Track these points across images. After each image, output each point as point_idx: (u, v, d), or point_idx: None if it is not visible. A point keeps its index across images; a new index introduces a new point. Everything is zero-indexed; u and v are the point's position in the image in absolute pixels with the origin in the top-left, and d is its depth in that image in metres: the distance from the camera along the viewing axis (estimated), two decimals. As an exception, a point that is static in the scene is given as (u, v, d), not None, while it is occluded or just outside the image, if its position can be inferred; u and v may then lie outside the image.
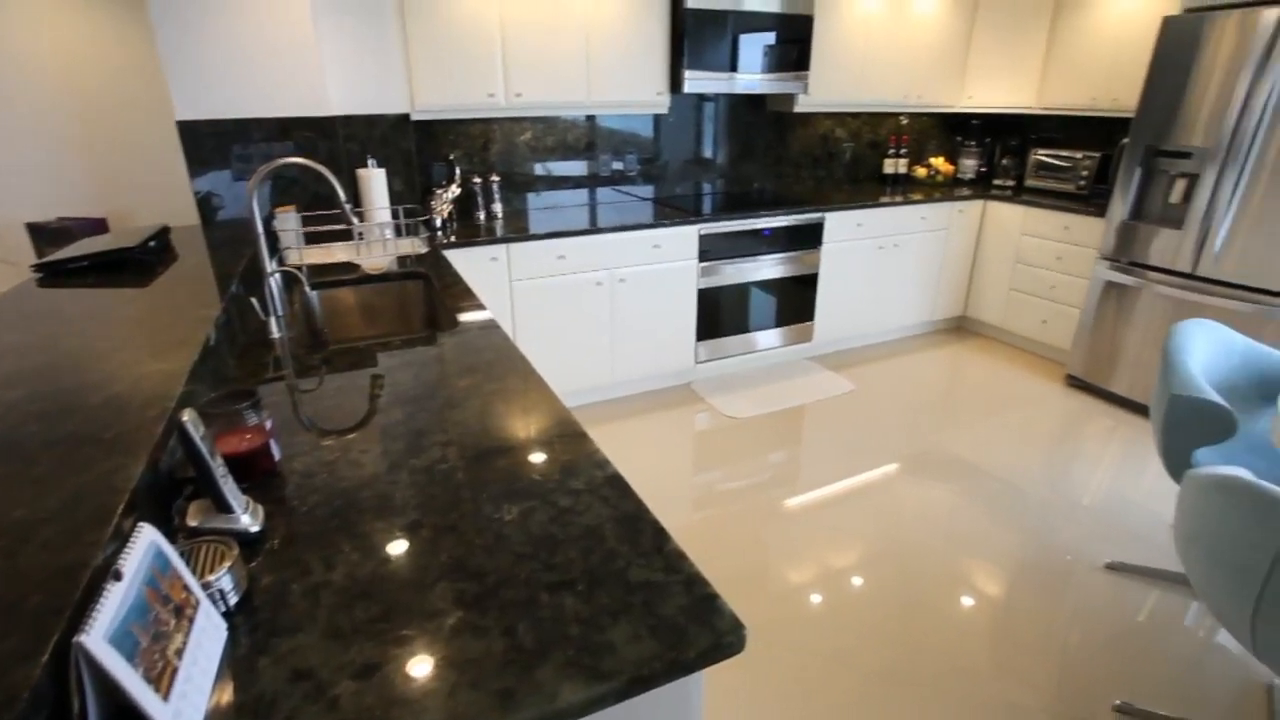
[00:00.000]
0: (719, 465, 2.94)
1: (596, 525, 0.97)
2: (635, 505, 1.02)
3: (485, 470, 1.11)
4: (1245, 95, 2.86)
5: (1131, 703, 1.82)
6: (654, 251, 3.26)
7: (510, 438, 1.22)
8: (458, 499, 1.03)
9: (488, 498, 1.04)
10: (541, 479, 1.09)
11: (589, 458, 1.16)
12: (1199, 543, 1.39)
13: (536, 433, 1.24)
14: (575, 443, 1.21)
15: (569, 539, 0.94)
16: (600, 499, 1.03)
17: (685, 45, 3.24)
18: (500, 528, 0.96)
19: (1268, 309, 2.92)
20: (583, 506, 1.02)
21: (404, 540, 0.94)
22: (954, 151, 4.74)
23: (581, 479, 1.09)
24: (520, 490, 1.06)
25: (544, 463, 1.14)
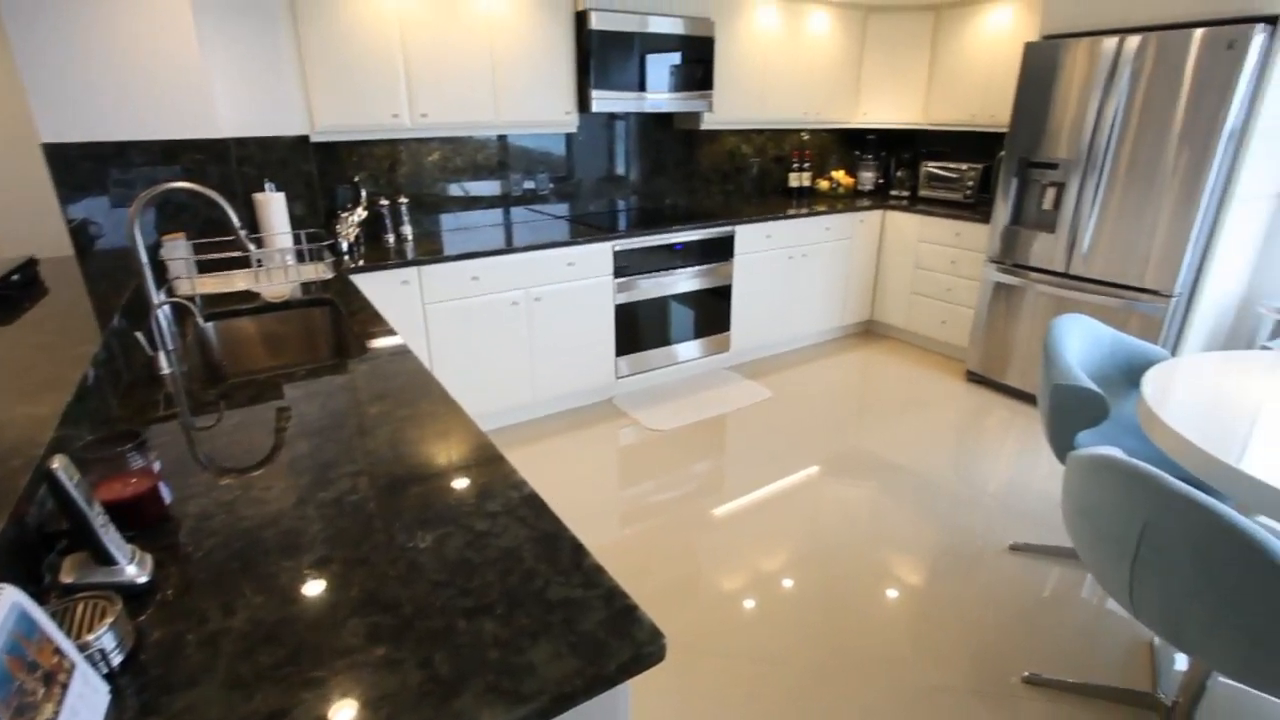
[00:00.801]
0: (646, 478, 2.95)
1: (514, 546, 0.96)
2: (553, 524, 1.01)
3: (398, 499, 1.08)
4: (1096, 112, 3.16)
5: (1039, 673, 1.94)
6: (569, 269, 3.26)
7: (423, 464, 1.19)
8: (369, 530, 1.00)
9: (401, 527, 1.01)
10: (457, 504, 1.07)
11: (505, 479, 1.14)
12: (1082, 518, 1.50)
13: (451, 457, 1.22)
14: (491, 465, 1.19)
15: (486, 562, 0.92)
16: (517, 520, 1.02)
17: (592, 65, 3.28)
18: (415, 556, 0.94)
19: (1130, 302, 3.21)
20: (500, 529, 1.00)
21: (312, 578, 0.90)
22: (853, 165, 4.99)
23: (498, 501, 1.07)
24: (435, 517, 1.03)
25: (459, 487, 1.12)
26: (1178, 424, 1.63)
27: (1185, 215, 2.96)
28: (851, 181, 4.82)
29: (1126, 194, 3.14)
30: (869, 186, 4.84)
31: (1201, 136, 2.86)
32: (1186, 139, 2.91)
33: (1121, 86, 3.06)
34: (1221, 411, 1.73)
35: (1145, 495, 1.31)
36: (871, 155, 4.81)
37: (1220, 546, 1.23)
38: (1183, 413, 1.70)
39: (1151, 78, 2.96)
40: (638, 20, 3.36)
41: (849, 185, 4.80)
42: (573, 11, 3.26)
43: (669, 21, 3.46)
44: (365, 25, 2.77)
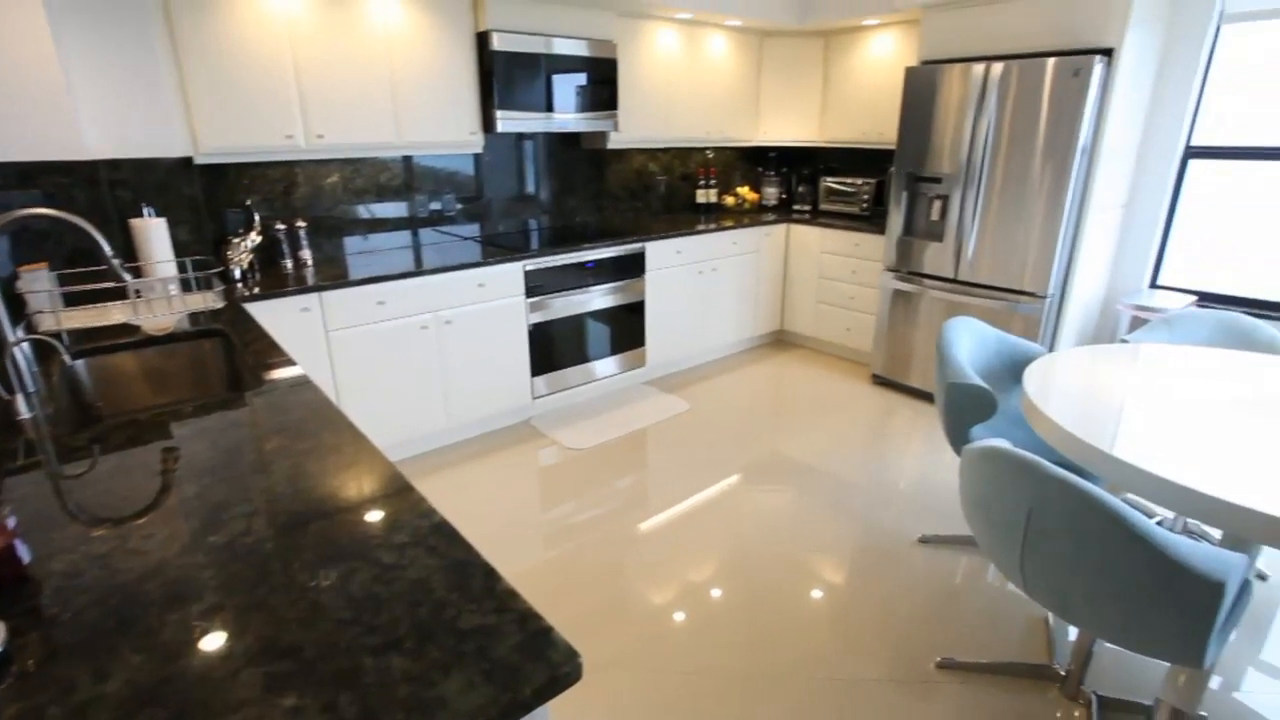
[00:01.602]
0: (568, 498, 2.92)
1: (423, 577, 0.92)
2: (464, 551, 0.98)
3: (298, 537, 1.02)
4: (971, 131, 3.42)
5: (952, 657, 2.04)
6: (479, 291, 3.21)
7: (326, 499, 1.13)
8: (266, 572, 0.94)
9: (301, 566, 0.95)
10: (362, 538, 1.02)
11: (414, 509, 1.10)
12: (977, 507, 1.60)
13: (355, 490, 1.16)
14: (399, 495, 1.15)
15: (394, 596, 0.89)
16: (426, 550, 0.99)
17: (496, 86, 3.26)
18: (316, 596, 0.89)
19: (1011, 304, 3.46)
20: (408, 560, 0.96)
21: (201, 629, 0.83)
22: (757, 181, 5.17)
23: (406, 532, 1.03)
24: (338, 553, 0.98)
25: (365, 520, 1.07)
26: (1056, 414, 1.77)
27: (1052, 224, 3.24)
28: (756, 197, 4.99)
29: (1002, 205, 3.40)
30: (773, 201, 5.03)
31: (1060, 153, 3.14)
32: (1048, 155, 3.18)
33: (991, 108, 3.32)
34: (1093, 401, 1.88)
35: (1029, 482, 1.41)
36: (774, 172, 5.00)
37: (1093, 524, 1.33)
38: (1060, 404, 1.85)
39: (1016, 100, 3.23)
40: (542, 42, 3.38)
41: (754, 201, 4.97)
42: (474, 32, 3.24)
43: (573, 43, 3.49)
44: (251, 40, 2.65)
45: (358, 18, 2.88)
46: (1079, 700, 1.90)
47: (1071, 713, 1.87)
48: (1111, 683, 1.96)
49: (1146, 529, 1.30)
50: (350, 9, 2.86)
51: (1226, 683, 1.97)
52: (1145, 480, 1.48)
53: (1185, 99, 3.41)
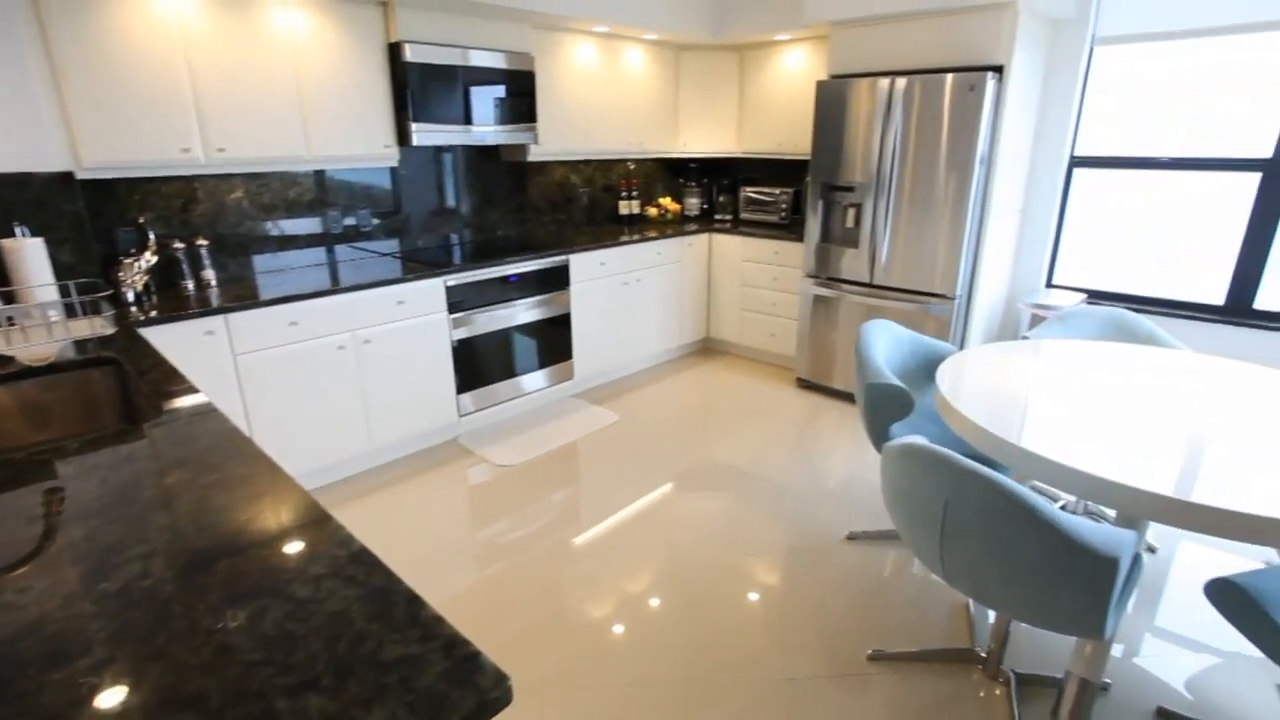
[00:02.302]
0: (500, 516, 2.86)
1: (342, 609, 0.88)
2: (385, 579, 0.94)
3: (202, 576, 0.95)
4: (880, 142, 3.58)
5: (882, 648, 2.11)
6: (399, 308, 3.11)
7: (233, 534, 1.06)
8: (166, 617, 0.87)
9: (206, 608, 0.89)
10: (274, 573, 0.96)
11: (331, 538, 1.05)
12: (898, 502, 1.66)
13: (267, 522, 1.10)
14: (315, 525, 1.09)
15: (310, 632, 0.84)
16: (345, 580, 0.94)
17: (410, 98, 3.18)
18: (223, 638, 0.83)
19: (924, 306, 3.64)
20: (325, 593, 0.91)
21: (89, 688, 0.76)
22: (679, 191, 5.25)
23: (323, 563, 0.98)
24: (248, 591, 0.92)
25: (277, 554, 1.01)
26: (967, 410, 1.86)
27: (957, 229, 3.42)
28: (678, 207, 5.07)
29: (911, 212, 3.57)
30: (695, 212, 5.11)
31: (961, 162, 3.33)
32: (951, 164, 3.37)
33: (897, 120, 3.49)
34: (1000, 395, 1.99)
35: (944, 476, 1.48)
36: (695, 182, 5.09)
37: (1003, 512, 1.41)
38: (970, 400, 1.95)
39: (919, 113, 3.41)
40: (458, 54, 3.33)
41: (676, 211, 5.04)
42: (386, 43, 3.15)
43: (489, 55, 3.46)
44: (138, 47, 2.49)
45: (258, 25, 2.76)
46: (999, 679, 1.99)
47: (993, 691, 1.96)
48: (1027, 660, 2.07)
49: (1050, 514, 1.38)
50: (249, 16, 2.73)
51: (1127, 650, 2.12)
52: (1048, 468, 1.58)
53: (1068, 112, 3.68)
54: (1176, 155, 3.46)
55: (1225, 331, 3.43)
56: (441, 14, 3.28)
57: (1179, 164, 3.46)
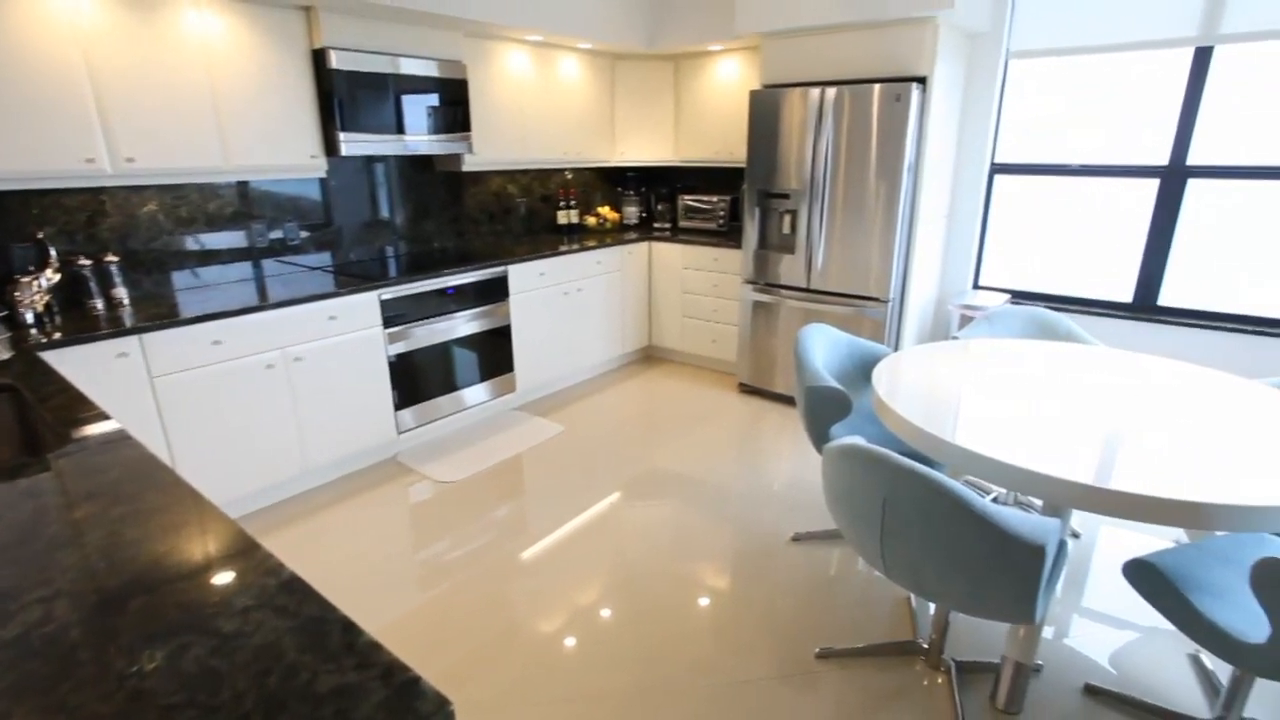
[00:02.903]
0: (443, 534, 2.78)
1: (272, 642, 0.83)
2: (319, 607, 0.90)
3: (113, 617, 0.89)
4: (812, 150, 3.68)
5: (830, 646, 2.14)
6: (331, 324, 3.00)
7: (149, 569, 0.99)
8: (72, 665, 0.80)
9: (119, 651, 0.82)
10: (196, 608, 0.90)
11: (260, 567, 0.99)
12: (839, 501, 1.70)
13: (188, 554, 1.03)
14: (242, 554, 1.03)
15: (237, 668, 0.79)
16: (275, 611, 0.89)
17: (338, 107, 3.09)
18: (138, 682, 0.77)
19: (859, 309, 3.74)
20: (253, 626, 0.86)
21: (-18, 744, 0.69)
22: (617, 200, 5.27)
23: (250, 594, 0.93)
24: (166, 629, 0.86)
25: (199, 587, 0.95)
26: (902, 409, 1.92)
27: (889, 234, 3.54)
28: (617, 216, 5.08)
29: (845, 218, 3.67)
30: (634, 220, 5.13)
31: (890, 170, 3.45)
32: (881, 172, 3.49)
33: (828, 128, 3.59)
34: (933, 394, 2.06)
35: (882, 474, 1.51)
36: (633, 191, 5.11)
37: (938, 507, 1.45)
38: (905, 399, 2.01)
39: (849, 122, 3.52)
40: (388, 61, 3.25)
41: (615, 220, 5.05)
42: (309, 49, 3.05)
43: (421, 64, 3.39)
44: (29, 49, 2.33)
45: (167, 27, 2.63)
46: (941, 668, 2.05)
47: (936, 680, 2.01)
48: (967, 648, 2.14)
49: (982, 507, 1.43)
50: (157, 17, 2.60)
51: (1057, 631, 2.22)
52: (979, 463, 1.64)
53: (987, 122, 3.87)
54: (1085, 163, 3.68)
55: (1133, 327, 3.65)
56: (369, 20, 3.20)
57: (1088, 171, 3.68)
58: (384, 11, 3.12)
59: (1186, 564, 1.68)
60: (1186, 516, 1.46)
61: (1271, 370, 3.33)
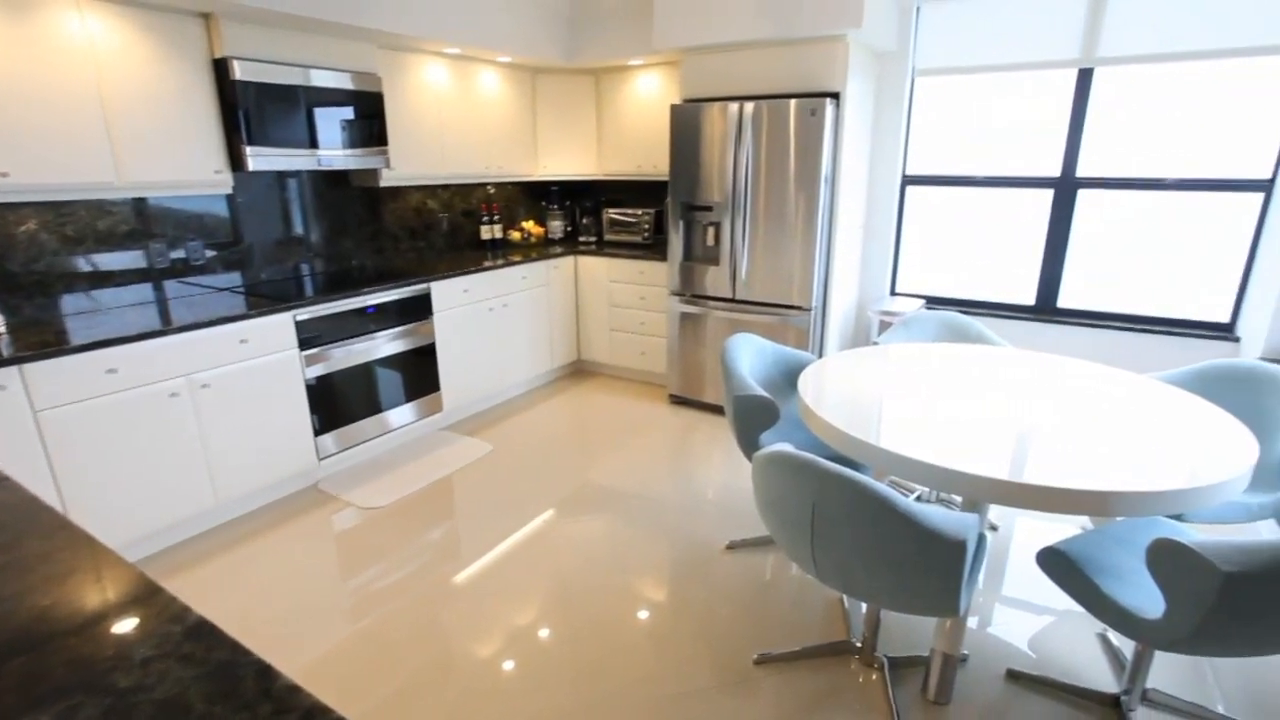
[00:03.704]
0: (371, 563, 2.66)
1: (177, 694, 0.76)
2: (230, 651, 0.83)
3: (-12, 680, 0.80)
4: (733, 163, 3.76)
5: (768, 651, 2.16)
6: (242, 347, 2.84)
7: (30, 625, 0.90)
8: (-63, 739, 0.71)
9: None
10: (86, 664, 0.82)
11: (163, 613, 0.92)
12: (770, 508, 1.72)
13: (76, 605, 0.94)
14: (140, 601, 0.95)
15: (134, 729, 0.72)
16: (180, 659, 0.82)
17: (244, 120, 2.94)
18: (18, 754, 0.69)
19: (784, 318, 3.84)
20: (155, 678, 0.79)
21: None
22: (541, 215, 5.23)
23: (150, 644, 0.85)
24: (52, 691, 0.78)
25: (91, 640, 0.86)
26: (827, 415, 1.97)
27: (809, 244, 3.65)
28: (542, 231, 5.04)
29: (767, 229, 3.76)
30: (559, 235, 5.11)
31: (809, 182, 3.57)
32: (800, 184, 3.60)
33: (748, 142, 3.69)
34: (857, 399, 2.13)
35: (810, 479, 1.55)
36: (557, 205, 5.09)
37: (864, 508, 1.49)
38: (830, 405, 2.06)
39: (768, 136, 3.62)
40: (299, 73, 3.13)
41: (540, 234, 5.02)
42: (210, 59, 2.90)
43: (334, 75, 3.28)
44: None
45: (45, 34, 2.44)
46: (874, 665, 2.11)
47: (870, 677, 2.06)
48: (898, 643, 2.21)
49: (905, 506, 1.48)
50: (34, 21, 2.41)
51: (981, 621, 2.32)
52: (901, 463, 1.70)
53: (897, 135, 4.06)
54: (989, 175, 3.91)
55: (1037, 328, 3.89)
56: (275, 30, 3.07)
57: (991, 182, 3.91)
58: (291, 21, 3.00)
59: (1092, 549, 1.79)
60: (1093, 505, 1.55)
61: (1157, 364, 3.62)
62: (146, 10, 2.68)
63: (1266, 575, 1.32)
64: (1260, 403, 2.27)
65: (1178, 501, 1.55)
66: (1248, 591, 1.33)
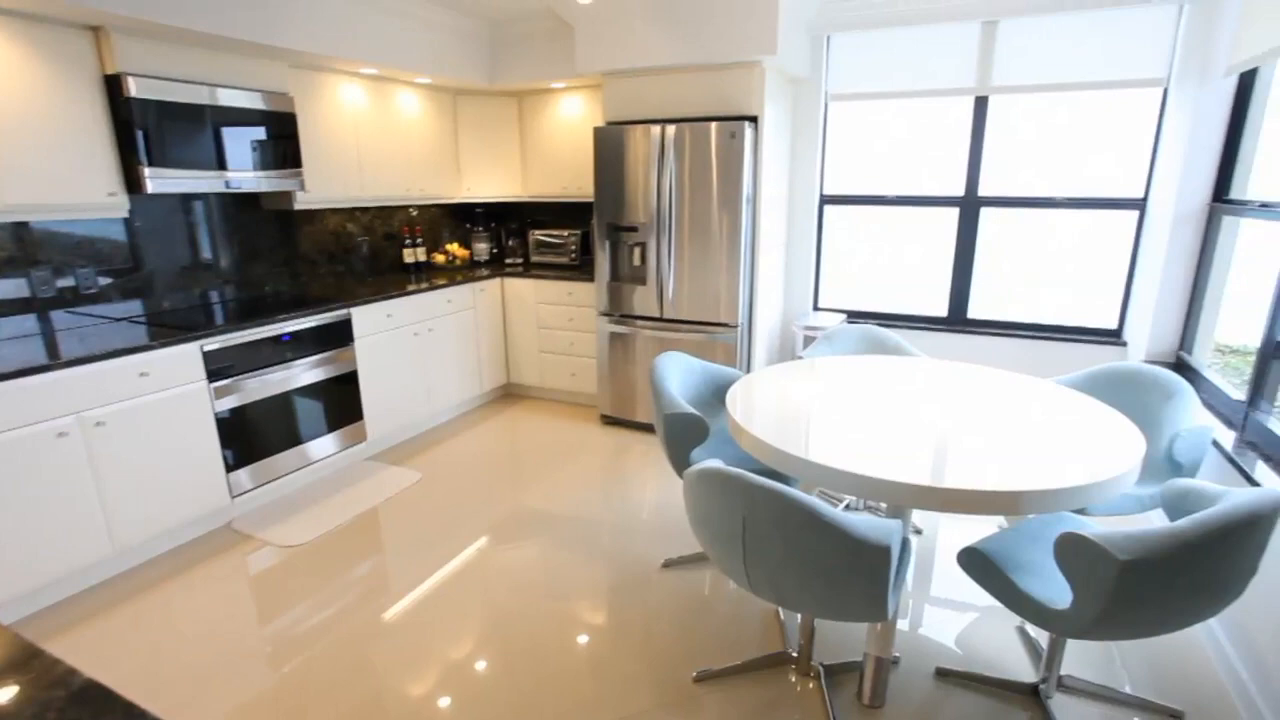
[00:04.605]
0: (293, 604, 2.52)
1: (59, 769, 0.69)
2: (124, 714, 0.76)
3: None
4: (657, 184, 3.82)
5: (707, 668, 2.16)
6: (142, 380, 2.66)
7: (-115, 698, 0.80)
8: None
9: None
10: (-48, 739, 0.74)
11: (42, 678, 0.83)
12: (702, 524, 1.73)
13: (-59, 672, 0.84)
14: (17, 667, 0.86)
15: (8, 810, 0.65)
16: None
17: (142, 140, 2.78)
18: None
19: (712, 335, 3.90)
20: (32, 751, 0.72)
21: None
22: (466, 237, 5.16)
23: (28, 714, 0.77)
24: (-92, 773, 0.69)
25: (-43, 713, 0.78)
26: (756, 430, 2.00)
27: (734, 262, 3.74)
28: (466, 253, 4.97)
29: (692, 249, 3.83)
30: (484, 257, 5.04)
31: (731, 202, 3.66)
32: (723, 204, 3.68)
33: (671, 164, 3.75)
34: (783, 413, 2.18)
35: (739, 494, 1.57)
36: (482, 227, 5.03)
37: (792, 519, 1.52)
38: (759, 419, 2.10)
39: (691, 157, 3.70)
40: (206, 91, 2.99)
41: (465, 257, 4.94)
42: (100, 75, 2.73)
43: (243, 95, 3.14)
44: None
45: (-81, 52, 2.25)
46: (811, 674, 2.14)
47: (807, 686, 2.09)
48: (833, 651, 2.25)
49: (831, 515, 1.51)
50: (-95, 41, 2.22)
51: (912, 622, 2.39)
52: (827, 474, 1.74)
53: (814, 157, 4.22)
54: (901, 194, 4.11)
55: (949, 338, 4.10)
56: (178, 47, 2.92)
57: (902, 201, 4.11)
58: (192, 38, 2.87)
59: (1007, 547, 1.88)
60: (1006, 504, 1.63)
61: (1057, 369, 3.87)
62: (26, 21, 2.50)
63: (1157, 560, 1.42)
64: (1145, 401, 2.46)
65: (1080, 497, 1.65)
66: (1142, 576, 1.43)
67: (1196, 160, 3.12)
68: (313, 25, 3.25)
